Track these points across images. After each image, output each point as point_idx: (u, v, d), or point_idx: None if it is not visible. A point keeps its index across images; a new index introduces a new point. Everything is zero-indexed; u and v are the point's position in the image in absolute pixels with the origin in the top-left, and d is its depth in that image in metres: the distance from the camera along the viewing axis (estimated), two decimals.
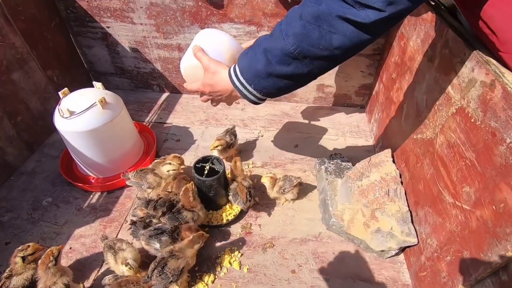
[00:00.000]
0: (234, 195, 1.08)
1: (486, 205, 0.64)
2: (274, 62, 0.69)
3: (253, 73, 0.73)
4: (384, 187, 1.01)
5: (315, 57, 0.66)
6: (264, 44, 0.70)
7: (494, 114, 0.65)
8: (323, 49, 0.64)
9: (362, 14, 0.58)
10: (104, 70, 1.71)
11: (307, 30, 0.63)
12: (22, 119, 1.30)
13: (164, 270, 0.82)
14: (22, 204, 1.17)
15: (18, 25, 1.25)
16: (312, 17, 0.62)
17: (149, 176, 1.11)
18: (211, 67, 0.84)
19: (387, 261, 1.01)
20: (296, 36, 0.64)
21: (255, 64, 0.72)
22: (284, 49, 0.66)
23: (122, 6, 1.42)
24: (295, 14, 0.65)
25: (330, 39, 0.62)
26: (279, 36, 0.67)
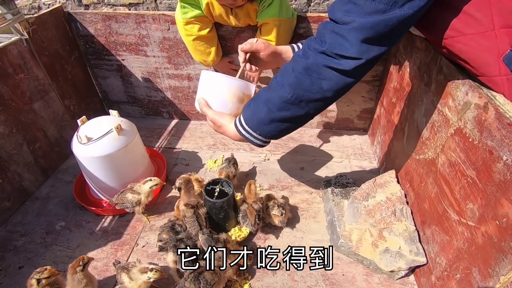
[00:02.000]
0: (243, 216, 1.11)
1: (490, 220, 0.67)
2: (275, 109, 0.80)
3: (256, 121, 0.84)
4: (390, 207, 1.04)
5: (309, 100, 0.78)
6: (264, 95, 0.82)
7: (489, 133, 0.69)
8: (315, 92, 0.76)
9: (343, 63, 0.71)
10: (117, 99, 1.80)
11: (300, 79, 0.76)
12: (40, 146, 1.37)
13: (199, 278, 0.86)
14: (36, 228, 1.20)
15: (42, 60, 1.36)
16: (302, 68, 0.75)
17: (128, 195, 1.15)
18: (217, 121, 0.94)
19: (397, 282, 1.01)
20: (291, 85, 0.77)
21: (258, 114, 0.83)
22: (282, 97, 0.78)
23: (137, 41, 1.53)
24: (288, 68, 0.79)
25: (320, 84, 0.75)
26: (276, 87, 0.80)
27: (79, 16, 1.49)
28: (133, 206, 1.15)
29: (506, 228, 0.62)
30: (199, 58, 1.42)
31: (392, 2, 0.64)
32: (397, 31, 0.68)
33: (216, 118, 0.93)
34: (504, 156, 0.64)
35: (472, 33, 0.70)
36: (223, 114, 0.94)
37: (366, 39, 0.67)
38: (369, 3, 0.65)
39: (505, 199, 0.63)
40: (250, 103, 0.87)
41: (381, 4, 0.64)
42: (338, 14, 0.70)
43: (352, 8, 0.67)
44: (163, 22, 1.46)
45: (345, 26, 0.68)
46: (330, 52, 0.71)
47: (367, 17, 0.66)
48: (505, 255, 0.62)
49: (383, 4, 0.64)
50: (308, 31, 1.40)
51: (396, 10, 0.65)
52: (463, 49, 0.74)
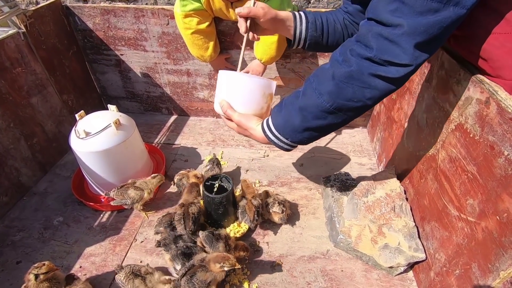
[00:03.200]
0: (242, 212, 1.10)
1: (490, 216, 0.67)
2: (310, 118, 0.75)
3: (290, 129, 0.79)
4: (389, 203, 1.03)
5: (349, 109, 0.73)
6: (298, 103, 0.76)
7: (491, 128, 0.69)
8: (357, 101, 0.71)
9: (392, 71, 0.65)
10: (115, 94, 1.79)
11: (341, 89, 0.70)
12: (37, 140, 1.36)
13: (192, 280, 0.85)
14: (34, 223, 1.20)
15: (39, 54, 1.34)
16: (344, 77, 0.69)
17: (131, 191, 1.14)
18: (243, 125, 0.87)
19: (396, 278, 1.01)
20: (331, 94, 0.71)
21: (291, 121, 0.78)
22: (320, 106, 0.73)
23: (136, 36, 1.52)
24: (326, 74, 0.72)
25: (363, 93, 0.69)
26: (313, 94, 0.73)
27: (77, 10, 1.47)
28: (133, 202, 1.14)
29: (506, 223, 0.62)
30: (197, 52, 1.40)
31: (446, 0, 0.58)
32: (448, 32, 0.62)
33: (243, 121, 0.86)
34: (505, 151, 0.64)
35: (499, 32, 0.68)
36: (249, 117, 0.87)
37: (419, 44, 0.61)
38: (420, 2, 0.58)
39: (506, 194, 0.63)
40: (280, 108, 0.81)
41: (435, 2, 0.58)
42: (384, 14, 0.63)
43: (400, 7, 0.60)
44: (162, 16, 1.44)
45: (395, 30, 0.62)
46: (378, 58, 0.65)
47: (419, 18, 0.59)
48: (505, 250, 0.62)
49: (437, 2, 0.58)
50: None
51: (450, 8, 0.58)
52: (486, 48, 0.72)
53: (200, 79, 1.65)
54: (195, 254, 0.96)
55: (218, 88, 0.93)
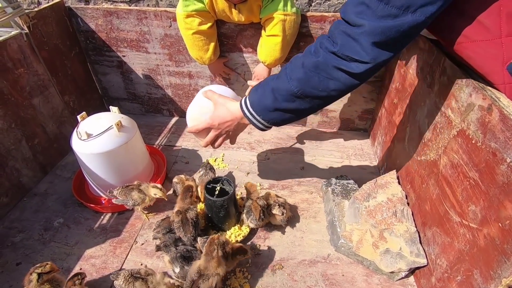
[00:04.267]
0: (248, 212, 1.10)
1: (492, 222, 0.67)
2: (281, 99, 0.82)
3: (262, 107, 0.87)
4: (391, 208, 1.03)
5: (314, 96, 0.80)
6: (272, 84, 0.84)
7: (493, 135, 0.69)
8: (321, 91, 0.78)
9: (353, 66, 0.72)
10: (117, 96, 1.79)
11: (309, 76, 0.77)
12: (39, 141, 1.36)
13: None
14: (34, 225, 1.19)
15: (42, 54, 1.34)
16: (312, 66, 0.76)
17: (134, 193, 1.14)
18: (222, 100, 0.99)
19: (397, 283, 1.01)
20: (299, 80, 0.78)
21: (264, 100, 0.86)
22: (289, 90, 0.80)
23: (138, 37, 1.52)
24: (298, 62, 0.79)
25: (327, 83, 0.76)
26: (285, 79, 0.81)
27: (80, 11, 1.48)
28: (134, 204, 1.14)
29: (509, 231, 0.62)
30: (196, 54, 1.40)
31: (405, 7, 0.63)
32: (408, 36, 0.68)
33: (222, 98, 0.99)
34: (508, 158, 0.64)
35: (480, 40, 0.71)
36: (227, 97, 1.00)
37: (377, 43, 0.67)
38: (381, 7, 0.64)
39: (508, 202, 0.63)
40: (257, 87, 0.88)
41: (394, 8, 0.64)
42: (350, 15, 0.69)
43: (365, 10, 0.67)
44: (165, 18, 1.45)
45: (357, 29, 0.68)
46: (341, 53, 0.71)
47: (379, 21, 0.65)
48: (508, 258, 0.62)
49: (396, 8, 0.63)
50: (310, 31, 1.39)
51: (408, 15, 0.64)
52: (470, 55, 0.75)
53: (201, 81, 1.65)
54: (195, 258, 0.96)
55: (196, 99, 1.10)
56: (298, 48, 1.44)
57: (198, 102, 1.08)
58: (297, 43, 1.40)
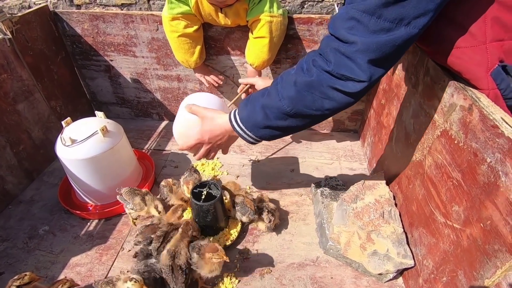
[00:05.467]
0: (243, 207, 1.10)
1: (475, 223, 0.67)
2: (272, 117, 0.79)
3: (252, 123, 0.83)
4: (378, 209, 1.03)
5: (308, 115, 0.76)
6: (262, 101, 0.80)
7: (474, 135, 0.69)
8: (315, 110, 0.74)
9: (349, 85, 0.68)
10: (105, 100, 1.77)
11: (302, 95, 0.73)
12: (24, 148, 1.34)
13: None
14: (19, 233, 1.17)
15: (26, 60, 1.33)
16: (305, 85, 0.72)
17: (137, 198, 1.12)
18: (209, 114, 0.95)
19: (385, 285, 1.00)
20: (291, 99, 0.75)
21: (254, 117, 0.82)
22: (281, 109, 0.76)
23: (125, 41, 1.51)
24: (290, 80, 0.75)
25: (322, 103, 0.73)
26: (276, 97, 0.77)
27: (66, 15, 1.46)
28: (132, 209, 1.12)
29: (490, 231, 0.62)
30: (182, 57, 1.39)
31: (398, 20, 0.60)
32: (402, 50, 0.66)
33: (209, 112, 0.95)
34: (488, 158, 0.64)
35: (465, 46, 0.71)
36: (215, 109, 0.97)
37: (372, 60, 0.64)
38: (373, 22, 0.61)
39: (489, 202, 0.63)
40: (246, 103, 0.85)
41: (387, 22, 0.61)
42: (340, 31, 0.66)
43: (356, 25, 0.63)
44: (152, 22, 1.44)
45: (350, 47, 0.64)
46: (336, 72, 0.68)
47: (372, 37, 0.62)
48: (489, 258, 0.61)
49: (389, 22, 0.61)
50: (297, 33, 1.39)
51: (402, 28, 0.61)
52: (455, 61, 0.75)
53: (190, 85, 1.64)
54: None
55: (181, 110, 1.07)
56: (286, 50, 1.44)
57: (184, 117, 1.03)
58: (284, 45, 1.40)
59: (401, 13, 0.60)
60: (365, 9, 0.61)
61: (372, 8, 0.60)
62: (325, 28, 1.36)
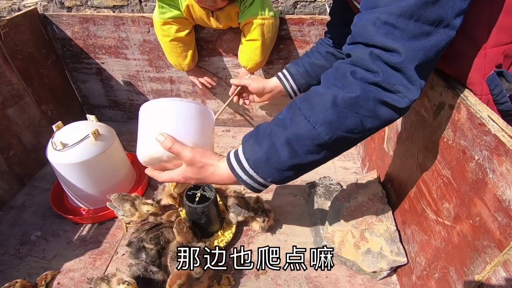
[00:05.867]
0: (236, 208, 1.11)
1: (464, 219, 0.68)
2: (302, 152, 0.62)
3: (273, 166, 0.64)
4: (371, 208, 1.04)
5: (345, 142, 0.64)
6: (286, 134, 0.62)
7: (462, 133, 0.70)
8: (357, 133, 0.62)
9: (398, 99, 0.59)
10: (97, 103, 1.76)
11: (344, 118, 0.60)
12: (14, 153, 1.32)
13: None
14: (10, 239, 1.15)
15: (15, 64, 1.31)
16: (349, 104, 0.59)
17: (126, 204, 1.11)
18: (197, 161, 0.70)
19: (380, 283, 1.01)
20: (331, 124, 0.60)
21: (276, 157, 0.63)
22: (317, 139, 0.61)
23: (116, 44, 1.50)
24: (323, 101, 0.61)
25: (365, 123, 0.61)
26: (307, 125, 0.61)
27: (55, 18, 1.45)
28: (124, 215, 1.11)
29: (479, 227, 0.63)
30: (174, 60, 1.40)
31: (437, 21, 0.54)
32: (439, 56, 0.59)
33: (198, 156, 0.70)
34: (476, 156, 0.65)
35: (465, 51, 0.70)
36: (205, 150, 0.72)
37: (420, 69, 0.57)
38: (412, 25, 0.54)
39: (477, 198, 0.64)
40: (257, 139, 0.66)
41: (426, 25, 0.54)
42: (376, 38, 0.57)
43: (391, 31, 0.56)
44: (143, 24, 1.43)
45: (394, 57, 0.56)
46: (386, 83, 0.58)
47: (414, 43, 0.55)
48: (479, 254, 0.62)
49: (428, 25, 0.54)
50: (289, 33, 1.39)
51: (441, 31, 0.55)
52: (452, 65, 0.75)
53: (183, 86, 1.64)
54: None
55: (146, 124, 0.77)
56: (278, 50, 1.44)
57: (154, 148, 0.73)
58: (276, 45, 1.40)
59: (440, 14, 0.54)
60: (401, 11, 0.54)
61: (410, 10, 0.53)
62: (316, 29, 1.37)
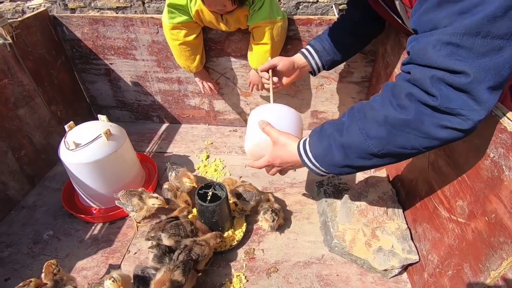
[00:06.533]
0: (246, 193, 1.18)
1: (479, 216, 0.68)
2: (353, 157, 0.70)
3: (328, 163, 0.76)
4: (382, 206, 1.05)
5: (400, 154, 0.66)
6: (341, 140, 0.71)
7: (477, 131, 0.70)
8: (411, 149, 0.64)
9: (459, 121, 0.56)
10: (105, 104, 1.77)
11: (394, 136, 0.63)
12: (25, 153, 1.33)
13: (191, 254, 0.92)
14: (22, 238, 1.17)
15: (26, 64, 1.32)
16: (400, 125, 0.61)
17: (134, 199, 1.14)
18: (281, 140, 0.87)
19: (391, 281, 1.02)
20: (380, 139, 0.64)
21: (331, 156, 0.74)
22: (367, 150, 0.67)
23: (125, 45, 1.51)
24: (376, 117, 0.65)
25: (419, 142, 0.62)
26: (360, 135, 0.67)
27: (65, 20, 1.46)
28: (133, 210, 1.14)
29: (495, 224, 0.63)
30: (183, 63, 1.42)
31: (510, 34, 0.50)
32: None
33: (282, 137, 0.88)
34: (491, 154, 0.65)
35: None
36: (289, 134, 0.90)
37: (491, 88, 0.53)
38: (479, 42, 0.51)
39: (493, 195, 0.64)
40: (320, 137, 0.77)
41: (497, 40, 0.50)
42: (440, 60, 0.55)
43: (455, 51, 0.53)
44: (152, 25, 1.44)
45: (461, 78, 0.53)
46: (445, 107, 0.56)
47: (483, 60, 0.52)
48: (495, 250, 0.63)
49: (499, 39, 0.50)
50: (297, 34, 1.40)
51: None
52: None
53: (191, 87, 1.65)
54: None
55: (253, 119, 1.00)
56: (286, 50, 1.45)
57: (255, 135, 0.96)
58: (284, 45, 1.41)
59: (510, 25, 0.50)
60: (466, 30, 0.51)
61: (476, 27, 0.50)
62: (324, 29, 1.38)
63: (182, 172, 1.27)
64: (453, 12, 0.53)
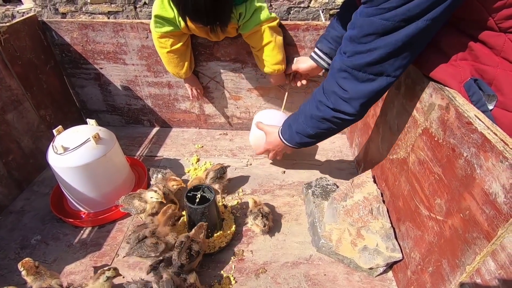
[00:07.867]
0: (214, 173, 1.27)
1: (455, 214, 0.71)
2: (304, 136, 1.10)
3: (294, 142, 1.16)
4: (367, 206, 1.07)
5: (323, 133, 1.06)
6: (295, 127, 1.12)
7: (451, 132, 0.74)
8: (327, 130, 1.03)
9: (345, 117, 0.94)
10: (96, 108, 1.77)
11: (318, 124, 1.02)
12: (13, 158, 1.33)
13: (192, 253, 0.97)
14: (10, 243, 1.16)
15: (15, 69, 1.32)
16: (319, 118, 1.00)
17: (135, 201, 1.15)
18: (269, 131, 1.30)
19: (376, 279, 1.04)
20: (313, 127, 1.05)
21: (294, 138, 1.14)
22: (308, 133, 1.08)
23: (115, 49, 1.52)
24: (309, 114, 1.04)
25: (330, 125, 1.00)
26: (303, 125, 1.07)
27: (54, 24, 1.47)
28: (137, 212, 1.16)
29: (469, 220, 0.66)
30: (173, 70, 1.44)
31: (379, 73, 0.81)
32: (383, 92, 0.87)
33: (269, 128, 1.31)
34: (464, 153, 0.68)
35: (441, 62, 0.82)
36: (274, 126, 1.30)
37: (362, 104, 0.88)
38: (361, 74, 0.83)
39: (467, 193, 0.67)
40: (290, 128, 1.15)
41: (371, 75, 0.82)
42: (338, 80, 0.89)
43: (347, 76, 0.85)
44: (142, 30, 1.46)
45: (345, 94, 0.88)
46: (336, 108, 0.93)
47: (360, 86, 0.85)
48: (469, 246, 0.66)
49: (373, 75, 0.82)
50: (286, 39, 1.43)
51: (383, 78, 0.82)
52: (435, 74, 0.83)
53: (181, 91, 1.66)
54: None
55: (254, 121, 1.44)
56: None
57: (255, 132, 1.41)
58: None
59: (381, 70, 0.80)
60: (354, 66, 0.83)
61: (359, 66, 0.82)
62: (311, 34, 1.41)
63: (169, 174, 1.28)
64: (354, 51, 0.82)
